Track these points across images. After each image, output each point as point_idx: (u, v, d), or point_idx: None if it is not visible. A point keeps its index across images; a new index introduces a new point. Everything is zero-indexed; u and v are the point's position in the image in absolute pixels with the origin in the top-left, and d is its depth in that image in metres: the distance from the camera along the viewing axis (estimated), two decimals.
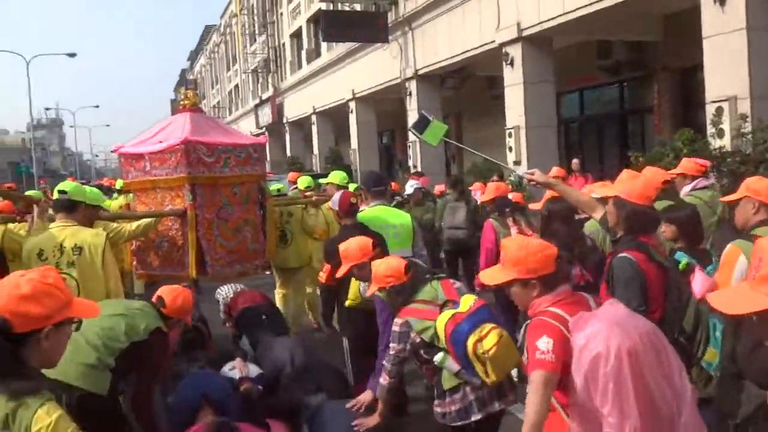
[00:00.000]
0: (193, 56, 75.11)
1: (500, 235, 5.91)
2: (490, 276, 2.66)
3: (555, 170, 8.26)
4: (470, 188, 9.85)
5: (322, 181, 8.35)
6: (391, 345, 3.57)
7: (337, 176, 7.69)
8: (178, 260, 5.70)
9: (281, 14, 32.05)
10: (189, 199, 5.51)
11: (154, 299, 3.94)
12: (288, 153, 31.31)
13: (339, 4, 18.60)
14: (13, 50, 54.62)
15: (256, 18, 36.29)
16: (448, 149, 19.15)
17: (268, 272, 7.18)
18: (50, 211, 4.97)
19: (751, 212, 3.59)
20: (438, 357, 3.33)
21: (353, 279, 4.36)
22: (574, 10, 11.50)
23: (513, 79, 13.34)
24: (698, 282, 3.33)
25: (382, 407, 3.72)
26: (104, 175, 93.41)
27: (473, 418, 3.38)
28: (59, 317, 2.03)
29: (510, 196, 6.33)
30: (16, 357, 1.96)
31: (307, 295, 7.64)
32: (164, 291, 3.94)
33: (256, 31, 36.16)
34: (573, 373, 2.27)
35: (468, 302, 3.31)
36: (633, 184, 3.38)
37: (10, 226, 5.18)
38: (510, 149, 13.50)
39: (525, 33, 12.87)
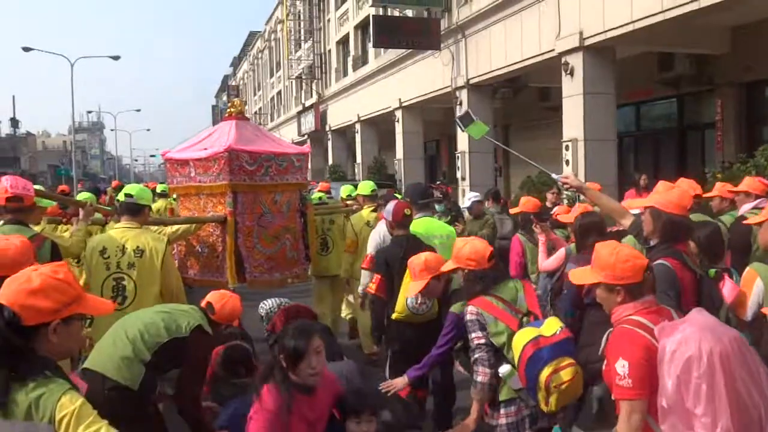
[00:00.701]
0: (236, 62, 75.85)
1: (527, 248, 6.34)
2: (578, 276, 2.80)
3: (589, 185, 7.99)
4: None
5: (357, 191, 8.28)
6: (471, 336, 3.44)
7: (366, 187, 7.68)
8: (217, 267, 5.77)
9: (328, 21, 32.00)
10: (230, 206, 5.64)
11: (203, 304, 3.97)
12: (330, 161, 31.17)
13: (390, 10, 18.32)
14: (57, 52, 55.61)
15: (302, 24, 36.32)
16: (495, 162, 18.71)
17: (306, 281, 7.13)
18: (96, 215, 5.31)
19: None
20: (505, 370, 3.31)
21: (401, 292, 4.35)
22: (641, 19, 11.05)
23: (572, 90, 12.90)
24: (728, 289, 3.58)
25: (477, 408, 3.48)
26: (142, 179, 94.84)
27: None
28: (67, 312, 2.09)
29: (557, 209, 6.62)
30: (25, 349, 2.02)
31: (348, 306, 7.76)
32: (213, 297, 3.99)
33: (302, 38, 36.17)
34: (664, 376, 2.32)
35: (553, 328, 3.21)
36: (669, 195, 3.52)
37: (46, 226, 5.30)
38: (567, 162, 13.05)
39: (587, 42, 12.43)
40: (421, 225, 5.32)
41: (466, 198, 9.03)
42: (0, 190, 4.14)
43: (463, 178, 17.60)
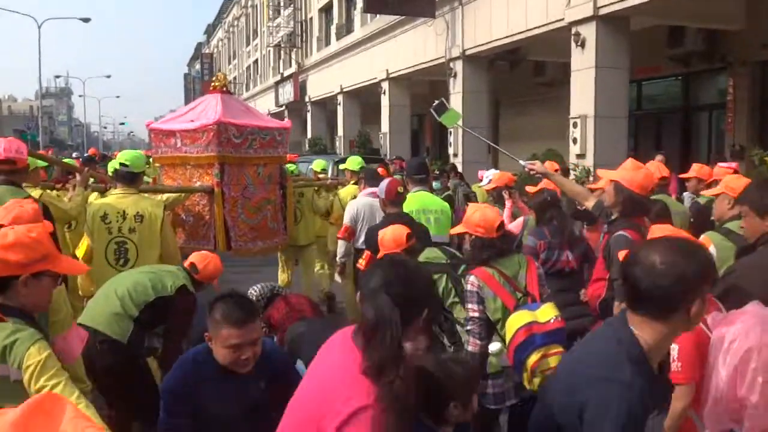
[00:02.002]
0: (210, 30, 73.74)
1: None
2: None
3: (548, 164, 8.01)
4: None
5: (341, 166, 8.69)
6: (468, 306, 3.51)
7: (354, 162, 7.98)
8: (203, 235, 5.99)
9: None
10: (217, 176, 5.85)
11: (186, 265, 4.14)
12: (309, 134, 30.01)
13: None
14: (23, 12, 53.05)
15: None
16: (497, 136, 17.84)
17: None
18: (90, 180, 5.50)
19: (726, 207, 3.92)
20: (495, 348, 3.38)
21: None
22: None
23: (582, 63, 12.00)
24: None
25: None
26: (111, 147, 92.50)
27: (508, 403, 3.50)
28: (37, 267, 2.32)
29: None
30: None
31: (315, 272, 8.02)
32: (196, 257, 4.16)
33: (282, 4, 34.70)
34: (718, 365, 2.31)
35: (549, 315, 3.20)
36: (635, 174, 3.72)
37: (46, 191, 5.24)
38: (575, 140, 12.18)
39: (602, 11, 11.51)
40: (417, 200, 5.56)
41: (486, 176, 8.18)
42: None
43: (455, 155, 16.68)
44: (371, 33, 21.95)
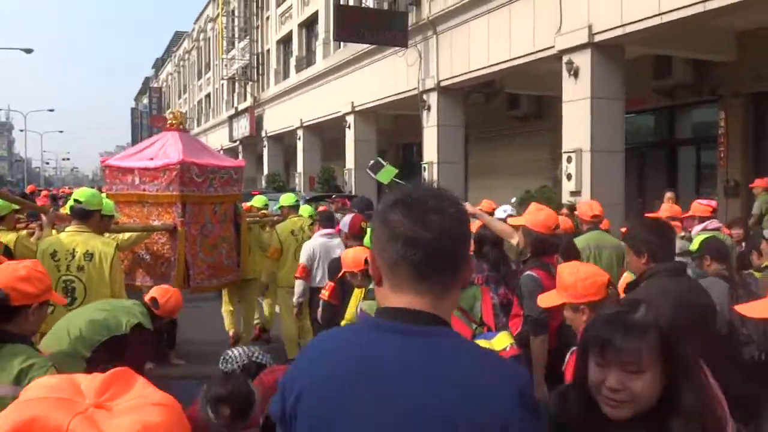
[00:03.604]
0: (159, 64, 72.19)
1: None
2: (546, 300, 2.91)
3: (484, 203, 8.32)
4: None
5: (280, 203, 8.44)
6: None
7: (289, 198, 8.13)
8: (161, 273, 5.99)
9: (267, 18, 29.61)
10: (179, 215, 5.98)
11: (147, 300, 4.26)
12: (265, 170, 28.69)
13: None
14: None
15: (236, 22, 33.72)
16: (466, 172, 16.92)
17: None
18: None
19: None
20: None
21: (352, 300, 4.57)
22: (673, 11, 9.37)
23: (576, 93, 11.14)
24: None
25: None
26: (53, 184, 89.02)
27: None
28: (43, 298, 2.68)
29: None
30: (7, 325, 2.55)
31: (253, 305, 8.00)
32: (157, 292, 4.33)
33: (237, 36, 33.55)
34: None
35: (504, 343, 3.17)
36: (537, 215, 4.11)
37: (22, 233, 5.38)
38: (569, 177, 11.26)
39: (597, 38, 10.71)
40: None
41: (497, 212, 7.22)
42: None
43: None
44: (335, 65, 20.94)
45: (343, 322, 4.53)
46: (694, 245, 4.65)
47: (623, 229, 5.39)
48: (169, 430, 0.90)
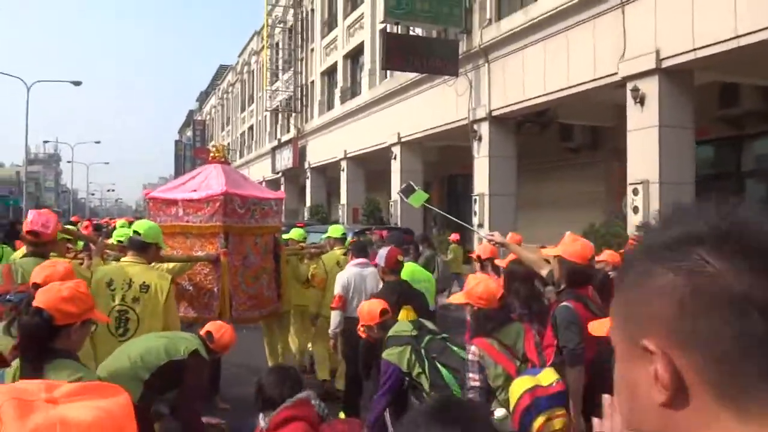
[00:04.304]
0: (203, 97, 73.30)
1: None
2: (597, 327, 2.67)
3: (511, 235, 8.13)
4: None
5: (324, 235, 8.64)
6: (470, 375, 3.70)
7: (337, 230, 8.23)
8: (205, 304, 5.98)
9: (312, 50, 29.60)
10: (223, 246, 6.00)
11: (202, 333, 4.39)
12: (308, 201, 28.42)
13: (399, 28, 15.80)
14: (13, 74, 51.58)
15: (281, 54, 33.83)
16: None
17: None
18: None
19: None
20: (501, 414, 3.45)
21: None
22: (752, 33, 8.75)
23: (642, 122, 10.52)
24: None
25: None
26: (98, 214, 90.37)
27: None
28: (85, 317, 2.78)
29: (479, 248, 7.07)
30: (53, 342, 2.64)
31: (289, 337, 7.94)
32: (213, 326, 4.46)
33: (281, 68, 33.64)
34: None
35: (550, 378, 3.22)
36: (573, 246, 4.06)
37: (74, 262, 5.11)
38: (635, 209, 10.59)
39: (665, 64, 10.11)
40: (406, 270, 5.87)
41: None
42: (25, 224, 4.68)
43: (481, 225, 15.02)
44: (380, 95, 20.63)
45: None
46: None
47: None
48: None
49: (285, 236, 8.42)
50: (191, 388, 4.06)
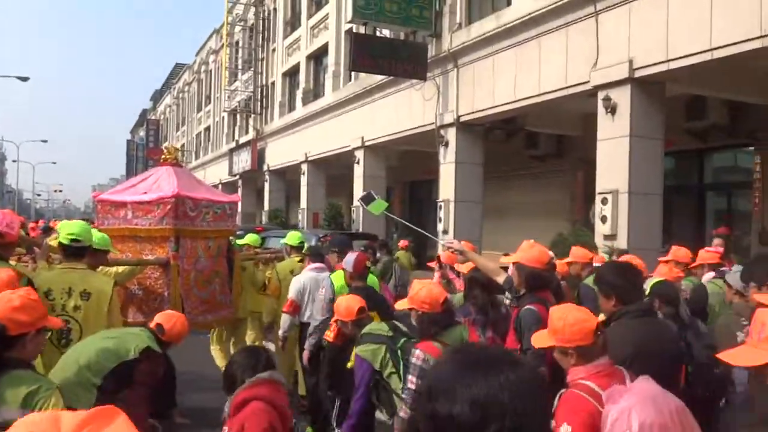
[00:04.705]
0: (158, 96, 71.88)
1: None
2: (538, 339, 2.96)
3: (463, 243, 7.61)
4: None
5: (282, 241, 8.52)
6: (409, 377, 3.75)
7: (294, 238, 8.04)
8: (154, 309, 5.75)
9: (273, 50, 29.14)
10: (173, 249, 5.88)
11: (152, 325, 4.22)
12: (266, 205, 27.94)
13: (365, 28, 15.54)
14: None
15: (240, 53, 33.29)
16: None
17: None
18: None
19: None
20: None
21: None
22: (726, 46, 8.79)
23: (613, 131, 10.49)
24: None
25: None
26: (43, 216, 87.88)
27: None
28: (39, 325, 2.75)
29: (443, 253, 7.04)
30: (9, 352, 2.63)
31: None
32: (162, 318, 4.28)
33: (240, 68, 33.09)
34: None
35: None
36: (531, 252, 4.22)
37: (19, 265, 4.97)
38: (603, 219, 10.55)
39: (639, 74, 10.10)
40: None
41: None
42: None
43: (446, 232, 14.88)
44: (345, 98, 20.36)
45: (349, 365, 4.53)
46: (647, 289, 4.83)
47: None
48: None
49: (240, 241, 8.32)
50: (142, 386, 4.02)
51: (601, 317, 4.25)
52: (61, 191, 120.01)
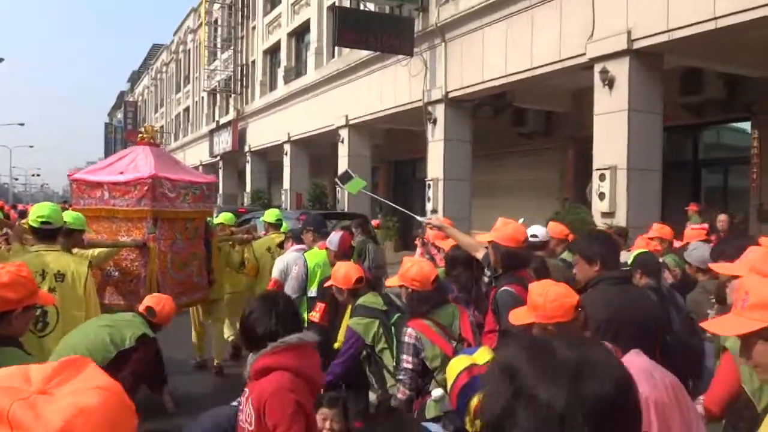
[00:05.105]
0: (135, 77, 70.57)
1: None
2: (516, 316, 2.89)
3: (444, 219, 7.52)
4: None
5: (262, 218, 8.55)
6: (404, 357, 3.73)
7: (271, 215, 8.16)
8: (131, 290, 5.86)
9: (253, 28, 28.42)
10: (151, 231, 5.89)
11: (142, 309, 4.46)
12: (248, 186, 27.38)
13: (350, 1, 15.02)
14: None
15: (219, 32, 32.48)
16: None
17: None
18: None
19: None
20: (438, 394, 3.40)
21: (344, 321, 4.49)
22: (731, 14, 8.39)
23: (610, 105, 10.10)
24: None
25: None
26: (22, 200, 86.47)
27: None
28: (27, 302, 2.63)
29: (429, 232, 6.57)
30: None
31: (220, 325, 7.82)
32: (151, 300, 4.54)
33: (219, 47, 32.31)
34: None
35: (486, 357, 3.09)
36: (505, 230, 4.08)
37: None
38: (601, 196, 10.18)
39: (638, 45, 9.69)
40: (319, 256, 5.99)
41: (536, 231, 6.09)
42: None
43: (435, 211, 14.47)
44: (328, 75, 19.79)
45: (336, 345, 4.51)
46: (630, 260, 4.78)
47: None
48: (109, 413, 0.88)
49: (216, 220, 8.29)
50: (136, 371, 4.08)
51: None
52: (38, 175, 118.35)
